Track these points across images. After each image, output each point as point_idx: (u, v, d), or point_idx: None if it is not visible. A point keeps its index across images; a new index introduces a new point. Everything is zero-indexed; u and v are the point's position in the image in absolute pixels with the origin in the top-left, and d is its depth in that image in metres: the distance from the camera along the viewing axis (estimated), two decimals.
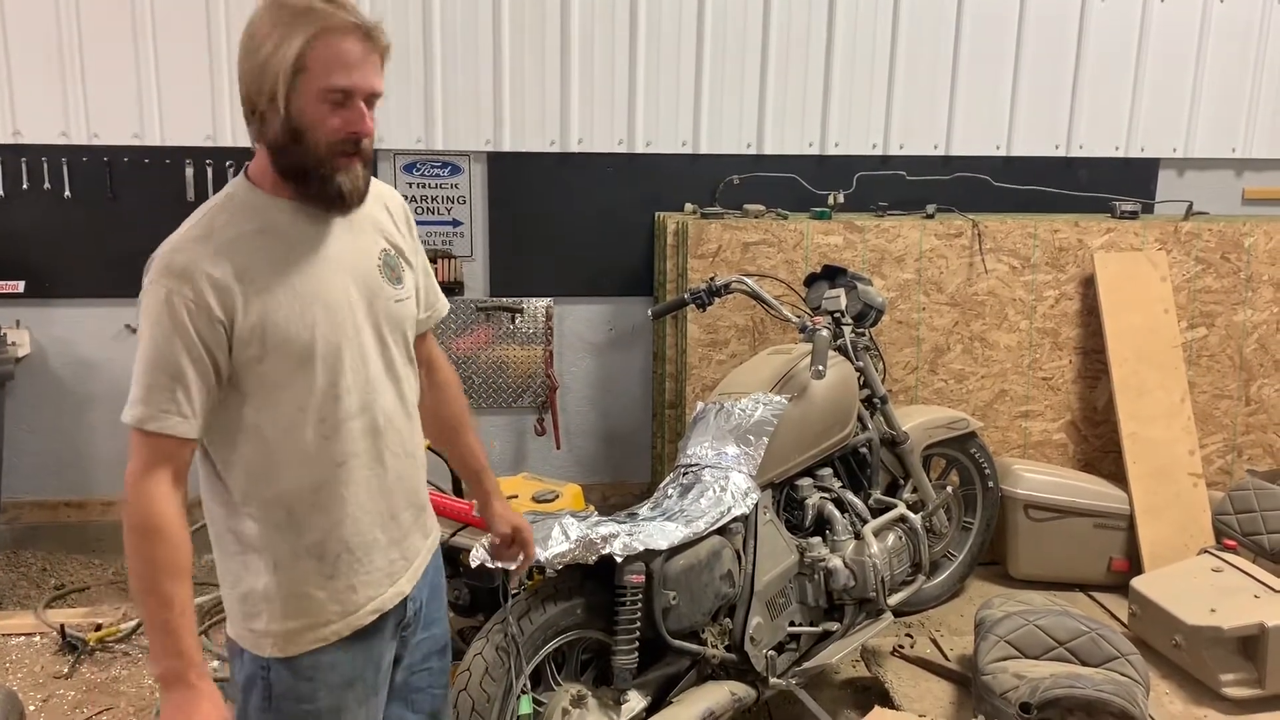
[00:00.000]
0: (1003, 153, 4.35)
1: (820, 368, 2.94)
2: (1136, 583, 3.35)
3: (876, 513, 3.28)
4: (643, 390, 4.41)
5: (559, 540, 2.45)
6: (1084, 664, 2.72)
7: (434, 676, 1.96)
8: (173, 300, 1.52)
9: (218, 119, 3.94)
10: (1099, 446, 4.19)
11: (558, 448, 4.32)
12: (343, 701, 1.73)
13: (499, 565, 2.26)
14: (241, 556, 1.68)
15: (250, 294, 1.55)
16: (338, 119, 1.56)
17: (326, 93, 1.54)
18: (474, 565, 2.44)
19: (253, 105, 1.57)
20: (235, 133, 3.95)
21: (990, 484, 3.81)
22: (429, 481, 3.44)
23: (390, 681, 1.85)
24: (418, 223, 4.09)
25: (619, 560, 2.50)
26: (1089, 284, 4.10)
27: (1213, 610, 3.06)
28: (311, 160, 1.57)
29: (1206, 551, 3.49)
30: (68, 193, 3.97)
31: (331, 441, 1.65)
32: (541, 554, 2.40)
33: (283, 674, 1.69)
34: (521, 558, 2.18)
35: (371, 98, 1.61)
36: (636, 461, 4.42)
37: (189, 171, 3.93)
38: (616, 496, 4.38)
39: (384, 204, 1.81)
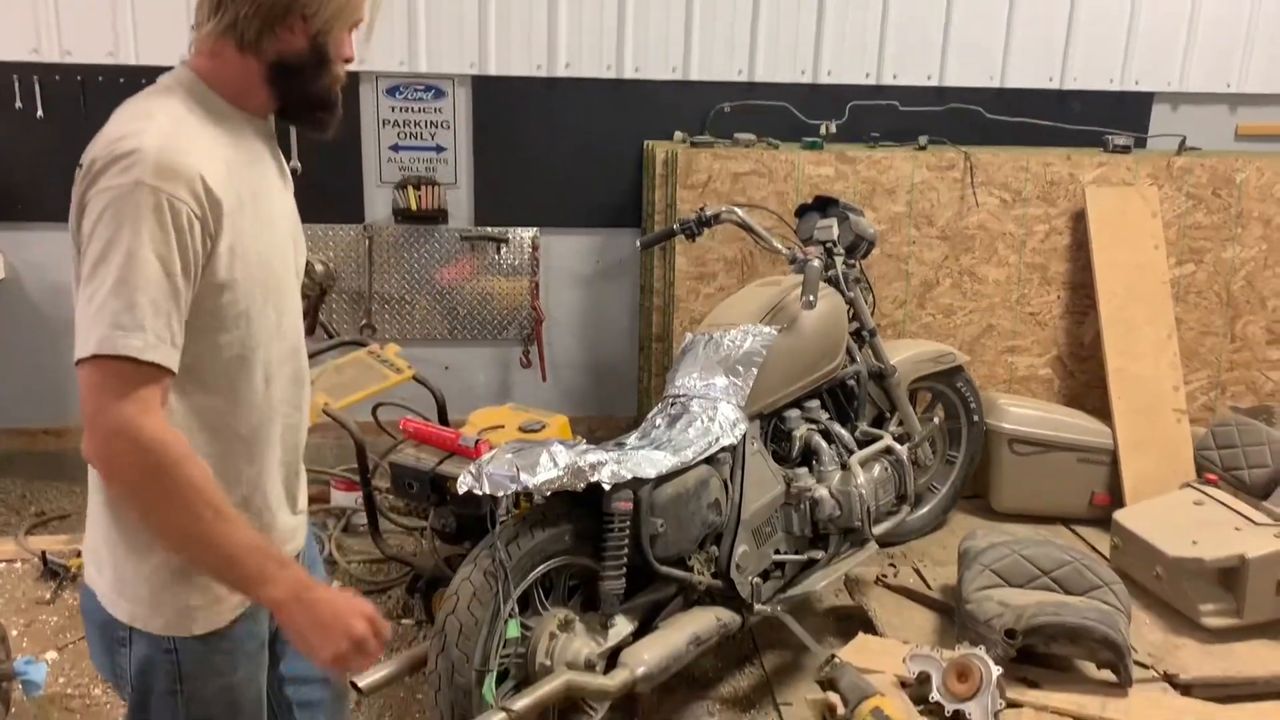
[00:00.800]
0: (996, 84, 4.29)
1: (811, 298, 2.92)
2: (1119, 515, 3.38)
3: (863, 445, 3.28)
4: (630, 323, 4.37)
5: (547, 467, 2.43)
6: (1068, 593, 2.74)
7: None
8: (173, 206, 1.29)
9: (120, 35, 3.80)
10: (1084, 382, 4.19)
11: (544, 380, 4.29)
12: (258, 663, 1.59)
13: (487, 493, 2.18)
14: (129, 529, 1.45)
15: (227, 210, 1.36)
16: (348, 47, 1.50)
17: (355, 24, 1.48)
18: (460, 491, 2.43)
19: (271, 19, 1.39)
20: (140, 50, 3.82)
21: (975, 418, 3.81)
22: (410, 410, 3.46)
23: (276, 634, 1.64)
24: (400, 147, 4.05)
25: (607, 488, 2.48)
26: (1079, 218, 4.07)
27: (1194, 542, 3.09)
28: (331, 86, 1.48)
29: (1189, 485, 3.52)
30: (40, 113, 3.85)
31: (271, 386, 1.49)
32: (530, 480, 2.39)
33: (195, 651, 1.48)
34: None
35: None
36: (623, 395, 4.41)
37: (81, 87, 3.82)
38: (603, 430, 4.36)
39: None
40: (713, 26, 4.09)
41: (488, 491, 2.39)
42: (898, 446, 3.26)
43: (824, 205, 3.45)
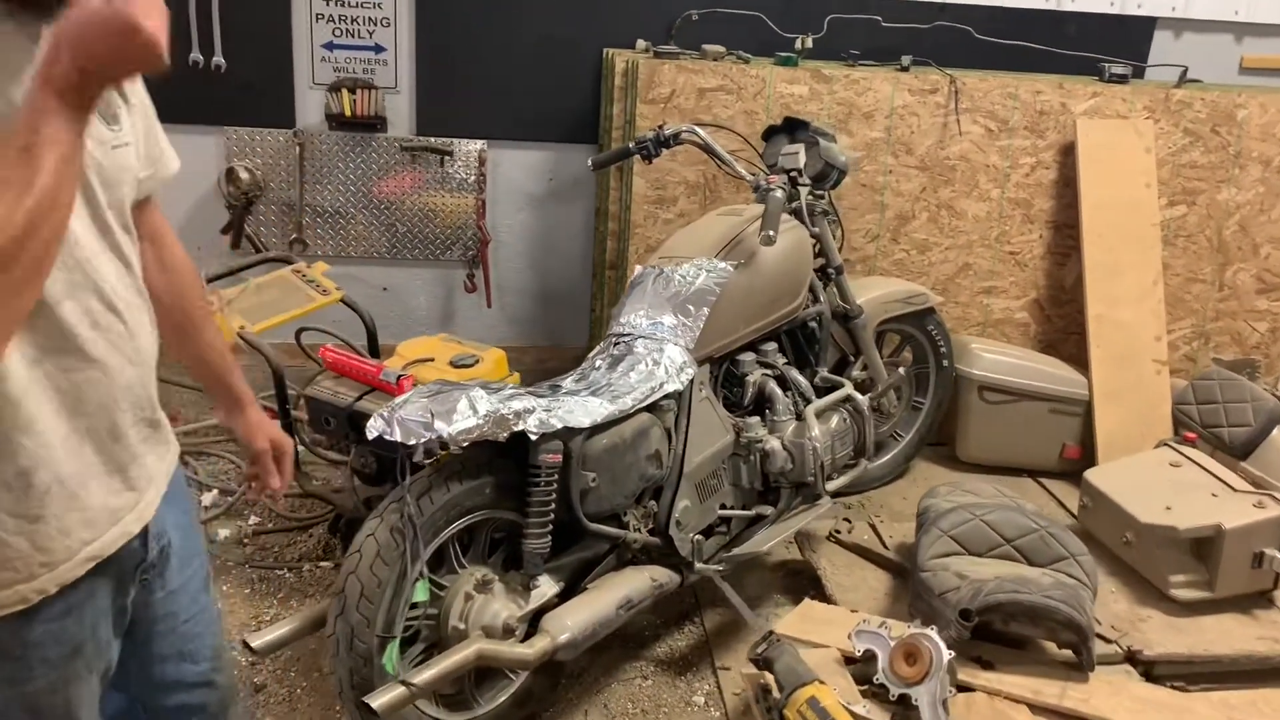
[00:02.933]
0: (988, 2, 3.96)
1: (771, 233, 2.65)
2: (1090, 474, 3.17)
3: (822, 391, 3.05)
4: (583, 248, 4.09)
5: (465, 415, 2.17)
6: (1031, 563, 2.54)
7: (208, 616, 1.58)
8: None
9: None
10: (1062, 328, 3.97)
11: (488, 306, 4.01)
12: (70, 672, 1.32)
13: (251, 496, 1.86)
14: None
15: None
16: None
17: None
18: (370, 437, 2.18)
19: None
20: None
21: (945, 363, 3.58)
22: (336, 336, 3.19)
23: (149, 637, 1.47)
24: (335, 46, 3.69)
25: (534, 438, 2.24)
26: (1068, 152, 3.79)
27: (1168, 508, 2.89)
28: None
29: (1165, 444, 3.31)
30: None
31: (34, 334, 1.19)
32: (445, 429, 2.14)
33: None
34: (269, 484, 1.76)
35: None
36: (574, 324, 4.14)
37: None
38: (553, 361, 4.11)
39: None
40: None
41: (399, 439, 2.15)
42: (858, 396, 3.03)
43: (794, 128, 3.15)
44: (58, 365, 1.22)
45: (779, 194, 2.73)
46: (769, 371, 2.92)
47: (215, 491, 3.40)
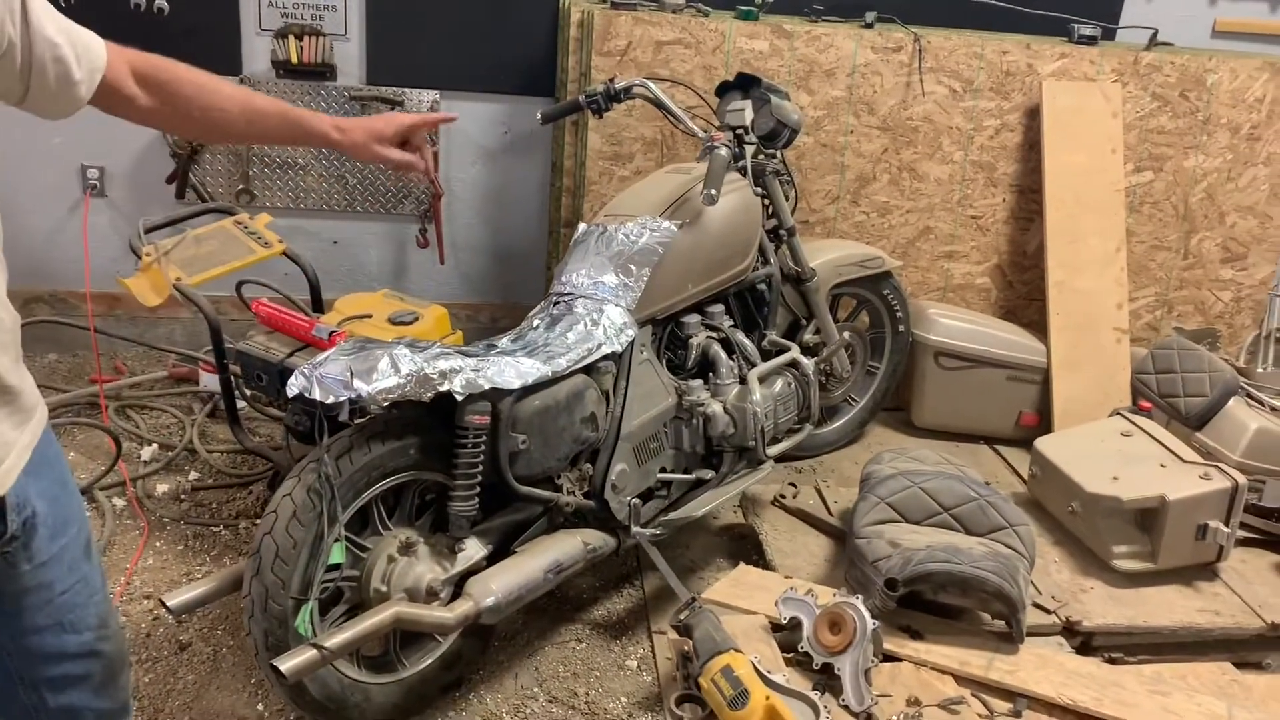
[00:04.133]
0: None
1: (713, 191, 2.58)
2: (1039, 443, 3.14)
3: (771, 355, 3.00)
4: (539, 204, 4.00)
5: (386, 374, 2.12)
6: (968, 532, 2.51)
7: (90, 584, 1.51)
8: None
9: None
10: (1024, 294, 3.91)
11: (441, 262, 3.93)
12: None
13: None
14: None
15: None
16: None
17: None
18: (290, 395, 2.12)
19: None
20: None
21: (901, 328, 3.53)
22: (276, 290, 3.12)
23: (19, 610, 1.41)
24: None
25: (459, 399, 2.19)
26: (1034, 115, 3.71)
27: (1115, 478, 2.86)
28: None
29: (1119, 413, 3.28)
30: None
31: None
32: (364, 388, 2.08)
33: None
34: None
35: None
36: (530, 281, 4.07)
37: None
38: (508, 319, 4.04)
39: None
40: None
41: (318, 397, 2.09)
42: (803, 360, 2.98)
43: (747, 84, 3.07)
44: None
45: (723, 152, 2.66)
46: (714, 334, 2.86)
47: (155, 446, 3.34)
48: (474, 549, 2.35)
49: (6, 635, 1.42)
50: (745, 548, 3.03)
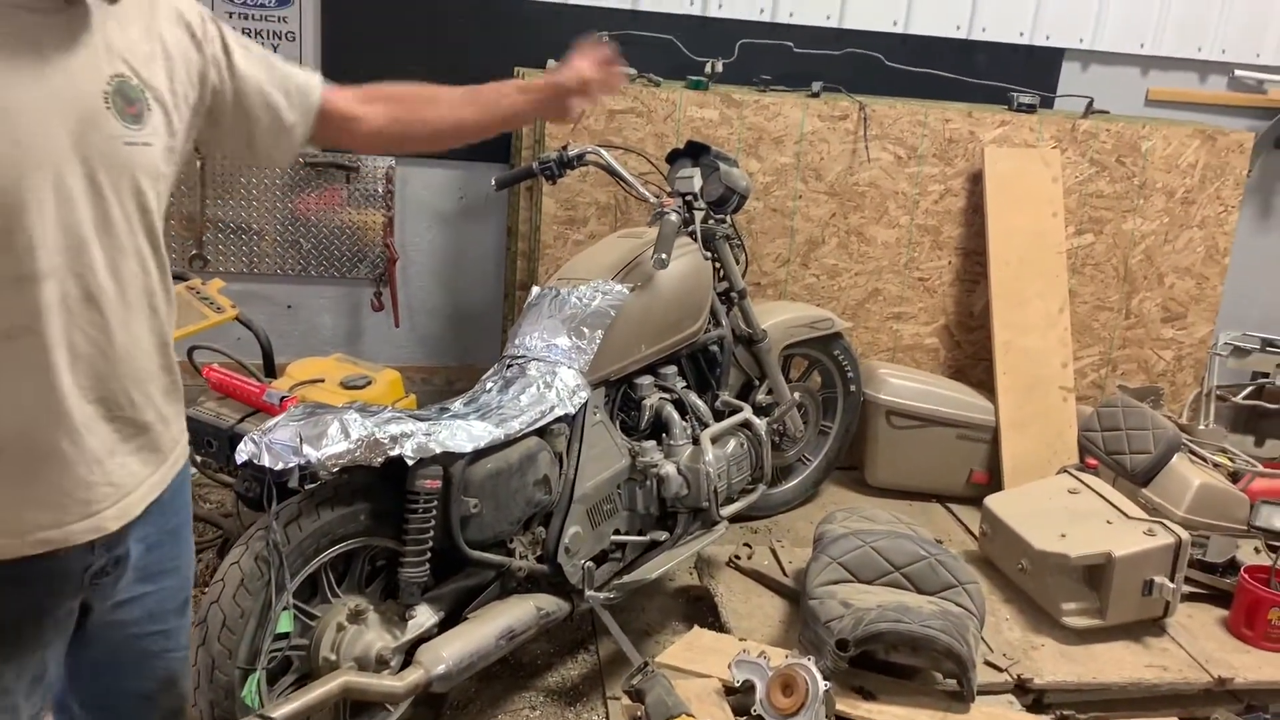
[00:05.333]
0: (900, 29, 3.99)
1: (663, 256, 2.62)
2: (989, 501, 3.18)
3: (723, 416, 3.02)
4: (494, 267, 4.04)
5: (336, 439, 2.11)
6: (919, 591, 2.53)
7: (171, 638, 1.56)
8: None
9: None
10: (971, 353, 3.99)
11: (396, 325, 3.94)
12: (7, 631, 1.31)
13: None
14: None
15: None
16: None
17: None
18: (239, 461, 2.11)
19: None
20: None
21: (852, 388, 3.58)
22: (228, 355, 3.10)
23: (89, 641, 1.44)
24: None
25: (411, 463, 2.18)
26: (977, 180, 3.82)
27: (1062, 535, 2.91)
28: None
29: (1065, 471, 3.33)
30: None
31: (7, 308, 1.21)
32: (313, 454, 2.08)
33: None
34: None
35: None
36: (485, 344, 4.08)
37: None
38: (463, 381, 4.04)
39: (145, 23, 1.34)
40: None
41: (267, 464, 2.08)
42: (755, 421, 3.01)
43: (697, 152, 3.14)
44: (29, 344, 1.23)
45: (673, 217, 2.71)
46: (667, 395, 2.89)
47: None
48: (425, 616, 2.33)
49: (81, 658, 1.46)
50: (701, 609, 3.02)
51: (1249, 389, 4.13)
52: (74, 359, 1.28)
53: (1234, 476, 3.50)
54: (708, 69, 3.68)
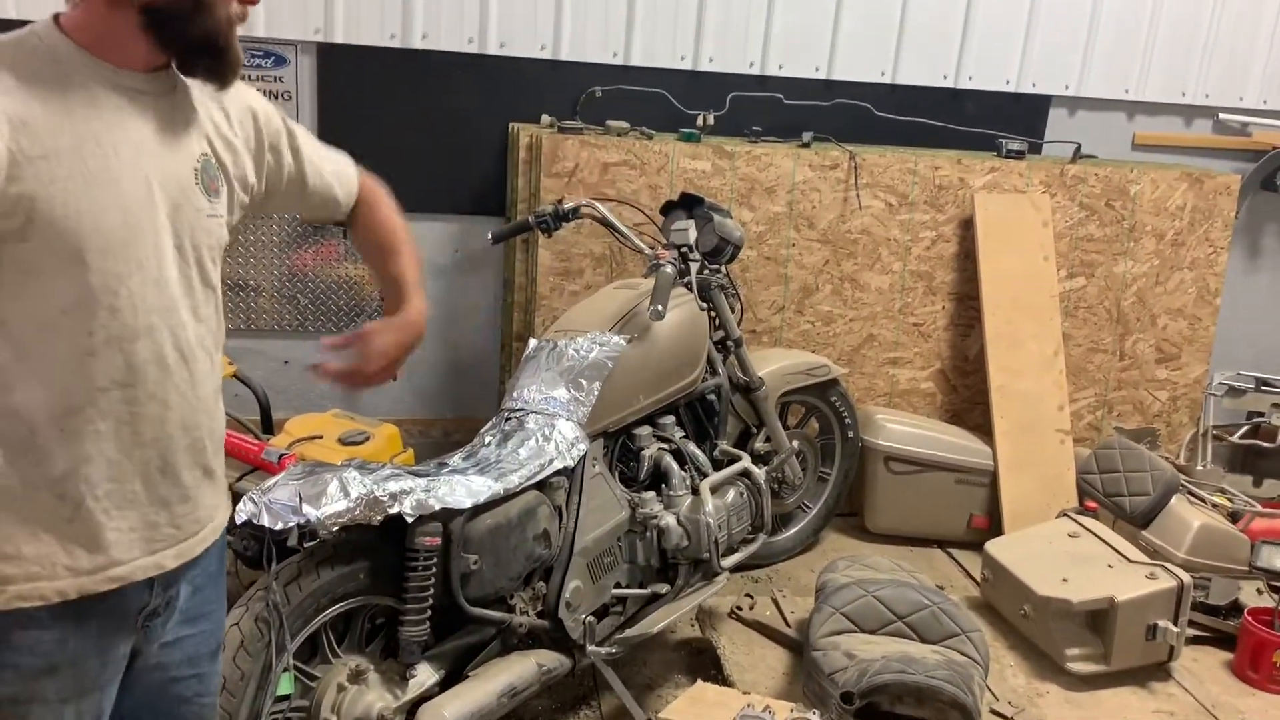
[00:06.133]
0: (888, 80, 4.05)
1: (659, 307, 2.64)
2: (990, 547, 3.18)
3: (723, 465, 3.02)
4: (491, 319, 4.05)
5: (336, 498, 2.11)
6: (923, 640, 2.52)
7: (204, 683, 1.62)
8: None
9: None
10: (968, 397, 4.00)
11: (394, 379, 3.92)
12: (34, 691, 1.36)
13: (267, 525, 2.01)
14: None
15: (25, 153, 1.25)
16: None
17: None
18: (239, 521, 2.10)
19: None
20: (20, 3, 3.40)
21: (850, 434, 3.59)
22: (229, 413, 3.10)
23: (132, 684, 1.50)
24: None
25: (410, 520, 2.18)
26: (968, 226, 3.86)
27: (1064, 580, 2.90)
28: (215, 30, 1.37)
29: (1065, 515, 3.34)
30: None
31: (97, 360, 1.34)
32: (313, 513, 2.07)
33: None
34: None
35: None
36: (483, 395, 4.09)
37: None
38: (461, 433, 4.04)
39: (223, 105, 1.52)
40: (586, 3, 3.77)
41: (267, 524, 2.08)
42: (755, 470, 3.01)
43: (690, 204, 3.17)
44: (123, 396, 1.37)
45: (668, 269, 2.73)
46: (665, 445, 2.89)
47: None
48: (426, 675, 2.31)
49: (121, 702, 1.50)
50: (703, 662, 3.00)
51: (1245, 428, 4.15)
52: (165, 410, 1.42)
53: (1233, 517, 3.50)
54: (699, 121, 3.73)
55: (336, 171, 1.79)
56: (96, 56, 1.34)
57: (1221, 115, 4.42)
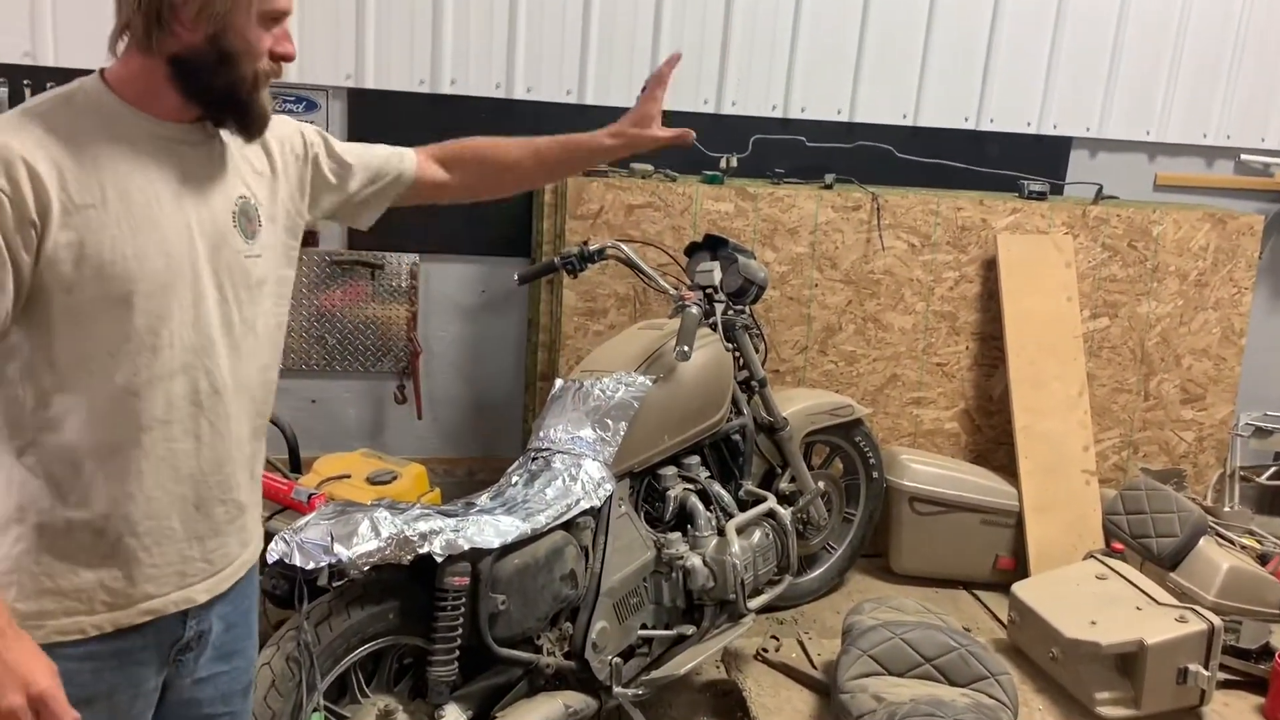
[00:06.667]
0: (909, 122, 4.08)
1: (685, 348, 2.66)
2: (1017, 589, 3.16)
3: (747, 505, 3.03)
4: (515, 359, 4.08)
5: (367, 538, 2.13)
6: (951, 683, 2.50)
7: None
8: None
9: (38, 34, 3.47)
10: (992, 438, 3.99)
11: (419, 418, 3.97)
12: (94, 703, 1.41)
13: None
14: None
15: (73, 204, 1.33)
16: (270, 41, 1.44)
17: (267, 15, 1.41)
18: (270, 560, 2.13)
19: (157, 15, 1.36)
20: (59, 51, 3.49)
21: (875, 474, 3.59)
22: None
23: (163, 718, 1.53)
24: None
25: (440, 560, 2.19)
26: (990, 266, 3.87)
27: (1093, 623, 2.88)
28: (240, 84, 1.42)
29: (1092, 556, 3.32)
30: None
31: (139, 400, 1.39)
32: (344, 553, 2.10)
33: None
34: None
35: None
36: (507, 435, 4.11)
37: (3, 92, 3.47)
38: (485, 473, 4.06)
39: (263, 145, 1.57)
40: (610, 48, 3.83)
41: (298, 563, 2.10)
42: (780, 510, 3.01)
43: (714, 245, 3.20)
44: (163, 434, 1.41)
45: (694, 310, 2.75)
46: (691, 486, 2.90)
47: None
48: (454, 715, 2.31)
49: None
50: (729, 704, 2.99)
51: (1273, 469, 4.12)
52: (199, 447, 1.46)
53: (1262, 559, 3.47)
54: (723, 164, 3.77)
55: (378, 148, 1.81)
56: (138, 109, 1.40)
57: (1243, 156, 4.44)
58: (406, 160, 1.81)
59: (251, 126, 1.47)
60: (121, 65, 1.41)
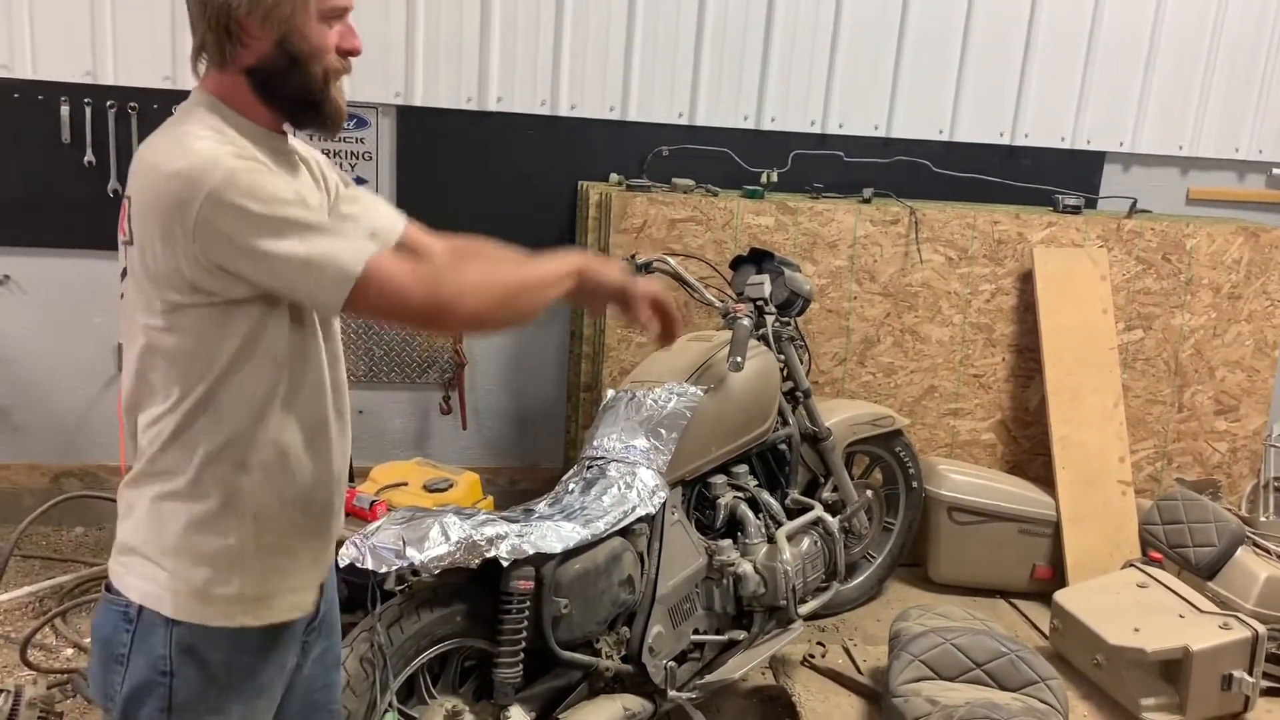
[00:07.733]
0: (945, 137, 4.15)
1: (739, 359, 2.73)
2: (1059, 596, 3.20)
3: (793, 513, 3.08)
4: (558, 371, 4.15)
5: (438, 542, 2.20)
6: (1002, 688, 2.55)
7: (332, 693, 1.75)
8: (253, 167, 1.36)
9: (99, 54, 3.57)
10: (1029, 448, 4.04)
11: (464, 428, 4.04)
12: (251, 713, 1.52)
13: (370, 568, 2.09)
14: (206, 507, 1.44)
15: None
16: (336, 37, 1.48)
17: (328, 13, 1.46)
18: (342, 565, 2.19)
19: (226, 29, 1.41)
20: (117, 70, 3.59)
21: (914, 484, 3.64)
22: None
23: (289, 695, 1.61)
24: None
25: (505, 564, 2.26)
26: (1027, 279, 3.93)
27: (1136, 630, 2.92)
28: (312, 84, 1.47)
29: (1132, 565, 3.36)
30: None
31: (308, 416, 1.51)
32: (417, 556, 2.16)
33: (222, 646, 1.46)
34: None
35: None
36: (549, 445, 4.18)
37: (64, 110, 3.56)
38: (527, 482, 4.13)
39: (320, 165, 1.67)
40: (653, 66, 3.91)
41: (370, 567, 2.16)
42: (828, 518, 3.07)
43: (759, 258, 3.27)
44: (335, 415, 1.54)
45: (746, 322, 2.82)
46: (740, 494, 2.96)
47: None
48: (518, 716, 2.37)
49: (283, 707, 1.61)
50: (776, 709, 3.03)
51: None
52: (342, 427, 1.58)
53: None
54: (763, 178, 3.84)
55: (382, 210, 1.79)
56: (250, 119, 1.47)
57: (1275, 170, 4.48)
58: (398, 225, 1.79)
59: (328, 123, 1.52)
60: (214, 84, 1.46)
